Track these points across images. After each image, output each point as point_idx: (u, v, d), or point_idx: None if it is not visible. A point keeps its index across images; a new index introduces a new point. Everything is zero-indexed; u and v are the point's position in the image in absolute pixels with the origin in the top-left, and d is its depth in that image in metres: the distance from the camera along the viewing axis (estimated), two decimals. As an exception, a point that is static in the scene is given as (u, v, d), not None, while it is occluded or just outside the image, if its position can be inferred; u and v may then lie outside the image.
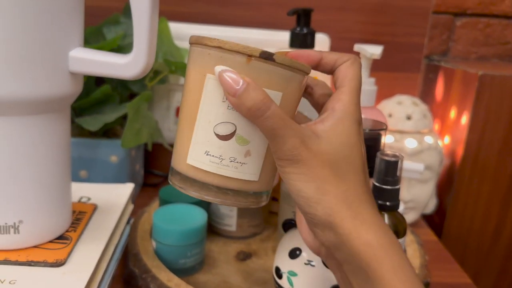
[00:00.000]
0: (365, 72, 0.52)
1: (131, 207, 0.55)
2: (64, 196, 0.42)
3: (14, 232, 0.39)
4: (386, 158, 0.42)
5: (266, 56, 0.30)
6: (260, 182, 0.33)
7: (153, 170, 0.75)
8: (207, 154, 0.32)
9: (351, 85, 0.32)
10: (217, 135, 0.31)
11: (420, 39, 0.70)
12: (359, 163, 0.31)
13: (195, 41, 0.32)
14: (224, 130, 0.31)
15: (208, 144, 0.31)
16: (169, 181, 0.35)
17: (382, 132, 0.46)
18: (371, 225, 0.29)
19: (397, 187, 0.43)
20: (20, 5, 0.33)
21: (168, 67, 0.60)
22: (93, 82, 0.62)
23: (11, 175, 0.37)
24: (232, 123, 0.31)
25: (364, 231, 0.29)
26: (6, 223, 0.39)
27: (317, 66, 0.34)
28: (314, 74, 0.37)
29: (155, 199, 0.58)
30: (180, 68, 0.59)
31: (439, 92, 0.73)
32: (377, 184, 0.43)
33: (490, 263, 0.71)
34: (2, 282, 0.36)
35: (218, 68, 0.30)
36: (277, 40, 0.67)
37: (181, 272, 0.46)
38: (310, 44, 0.56)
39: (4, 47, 0.34)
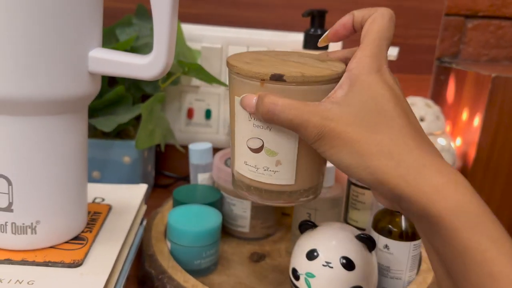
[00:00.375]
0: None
1: (144, 207, 0.55)
2: (80, 197, 0.42)
3: (31, 233, 0.39)
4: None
5: (276, 78, 0.33)
6: (298, 184, 0.36)
7: (164, 171, 0.75)
8: (246, 164, 0.37)
9: (369, 39, 0.31)
10: (250, 149, 0.36)
11: (432, 41, 0.70)
12: (391, 110, 0.29)
13: (227, 63, 0.36)
14: (254, 144, 0.36)
15: (245, 156, 0.37)
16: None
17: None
18: (419, 168, 0.27)
19: (414, 189, 0.43)
20: (40, 5, 0.33)
21: (182, 68, 0.60)
22: (106, 83, 0.62)
23: (29, 175, 0.38)
24: (260, 139, 0.35)
25: (412, 178, 0.27)
26: (23, 223, 0.39)
27: (353, 31, 0.34)
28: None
29: (167, 200, 0.58)
30: (193, 69, 0.59)
31: (450, 94, 0.73)
32: (394, 185, 0.43)
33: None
34: (20, 283, 0.36)
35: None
36: (289, 41, 0.67)
37: (196, 273, 0.46)
38: (325, 46, 0.56)
39: (25, 47, 0.34)
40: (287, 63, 0.35)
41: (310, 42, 0.56)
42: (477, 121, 0.65)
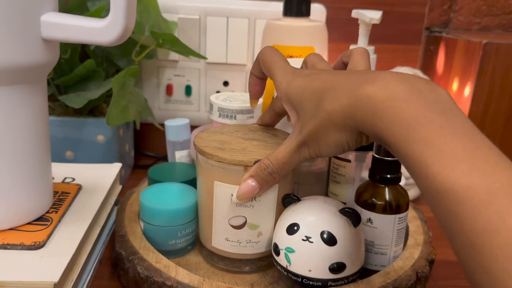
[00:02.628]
0: (363, 40, 0.49)
1: (118, 188, 0.53)
2: (43, 174, 0.39)
3: (-11, 214, 0.36)
4: (387, 127, 0.39)
5: None
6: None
7: (144, 152, 0.72)
8: (227, 240, 0.41)
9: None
10: (232, 226, 0.40)
11: (420, 8, 0.67)
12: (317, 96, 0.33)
13: (199, 152, 0.40)
14: (237, 222, 0.40)
15: (226, 233, 0.41)
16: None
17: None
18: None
19: (399, 158, 0.40)
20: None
21: (156, 40, 0.56)
22: (77, 59, 0.58)
23: (-18, 151, 0.35)
24: (243, 216, 0.40)
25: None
26: (-21, 204, 0.36)
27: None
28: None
29: (144, 180, 0.56)
30: (168, 41, 0.56)
31: (440, 64, 0.70)
32: (377, 156, 0.40)
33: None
34: (-26, 267, 0.33)
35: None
36: (270, 11, 0.63)
37: (172, 253, 0.44)
38: (306, 13, 0.53)
39: (-34, 8, 0.31)
40: (253, 144, 0.41)
41: (290, 9, 0.52)
42: (467, 90, 0.62)
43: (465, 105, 0.63)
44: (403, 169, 0.39)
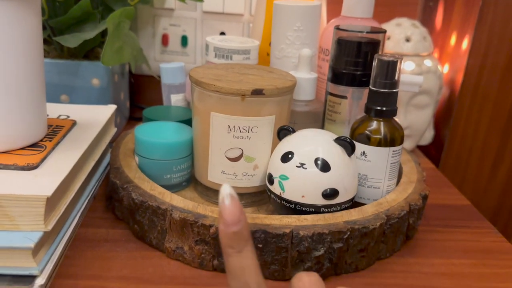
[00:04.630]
0: (362, -20, 0.49)
1: (113, 129, 0.52)
2: (37, 100, 0.39)
3: (-18, 135, 0.36)
4: (384, 58, 0.39)
5: (257, 92, 0.38)
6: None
7: (139, 104, 0.72)
8: (223, 173, 0.41)
9: None
10: (229, 158, 0.40)
11: (420, -39, 0.66)
12: None
13: (196, 83, 0.40)
14: (233, 154, 0.40)
15: (222, 166, 0.41)
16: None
17: (380, 36, 0.43)
18: None
19: (395, 90, 0.40)
20: None
21: (152, -17, 0.56)
22: (72, 2, 0.57)
23: (-25, 68, 0.34)
24: (239, 148, 0.40)
25: None
26: (-28, 124, 0.36)
27: None
28: None
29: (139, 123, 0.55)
30: (165, -16, 0.55)
31: (438, 20, 0.69)
32: (373, 88, 0.40)
33: (488, 196, 0.69)
34: (-32, 183, 0.33)
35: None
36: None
37: (167, 188, 0.44)
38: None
39: None
40: (249, 77, 0.41)
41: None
42: (465, 44, 0.62)
43: (462, 58, 0.62)
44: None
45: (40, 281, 0.32)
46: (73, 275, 0.35)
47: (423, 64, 0.58)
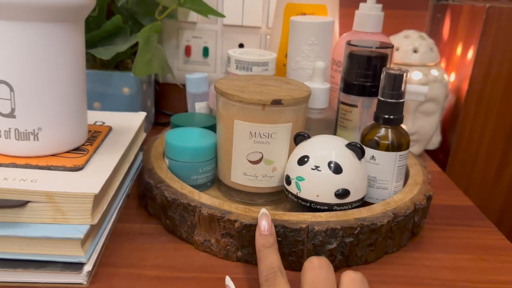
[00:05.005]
0: (372, -2, 0.53)
1: (143, 134, 0.57)
2: (80, 108, 0.44)
3: (34, 139, 0.41)
4: (392, 72, 0.43)
5: (276, 102, 0.42)
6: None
7: (163, 110, 0.77)
8: (245, 175, 0.46)
9: None
10: (250, 161, 0.45)
11: (428, -24, 0.70)
12: None
13: (221, 94, 0.44)
14: (254, 157, 0.45)
15: (244, 168, 0.45)
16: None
17: (388, 51, 0.47)
18: None
19: (401, 100, 0.44)
20: None
21: (177, 0, 0.60)
22: (104, 17, 0.63)
23: (30, 81, 0.39)
24: (259, 152, 0.44)
25: None
26: (26, 130, 0.41)
27: None
28: None
29: (167, 129, 0.60)
30: (188, 1, 0.60)
31: (446, 30, 0.73)
32: (382, 98, 0.44)
33: (493, 200, 0.72)
34: (24, 181, 0.38)
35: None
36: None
37: (193, 187, 0.48)
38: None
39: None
40: (268, 88, 0.45)
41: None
42: (470, 54, 0.66)
43: (468, 68, 0.66)
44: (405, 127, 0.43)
45: (87, 267, 0.37)
46: (113, 263, 0.40)
47: (430, 73, 0.62)
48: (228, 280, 0.36)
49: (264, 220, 0.38)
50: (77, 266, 0.37)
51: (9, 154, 0.42)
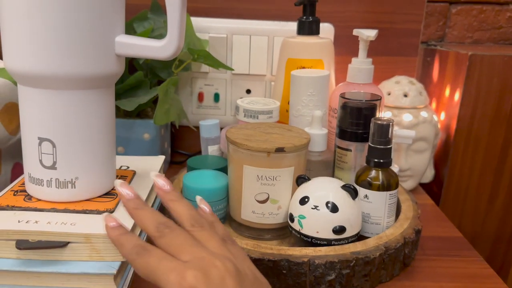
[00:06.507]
0: (362, 53, 0.60)
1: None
2: (110, 159, 0.51)
3: (72, 187, 0.48)
4: (379, 122, 0.50)
5: (279, 150, 0.49)
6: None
7: (178, 150, 0.84)
8: (253, 212, 0.52)
9: None
10: (258, 201, 0.51)
11: (417, 25, 0.77)
12: None
13: (231, 142, 0.51)
14: (261, 197, 0.51)
15: (252, 207, 0.52)
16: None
17: (377, 102, 0.53)
18: None
19: (389, 146, 0.50)
20: (76, 2, 0.42)
21: (192, 56, 0.68)
22: (127, 71, 0.70)
23: (70, 139, 0.46)
24: (266, 193, 0.51)
25: None
26: (65, 179, 0.47)
27: None
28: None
29: (183, 170, 0.67)
30: (201, 56, 0.68)
31: (435, 73, 0.80)
32: (372, 145, 0.51)
33: (487, 229, 0.77)
34: (65, 224, 0.44)
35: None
36: (286, 29, 0.75)
37: (208, 225, 0.55)
38: (316, 31, 0.64)
39: (65, 34, 0.42)
40: (273, 136, 0.52)
41: (303, 28, 0.64)
42: (457, 96, 0.72)
43: (455, 108, 0.72)
44: (399, 164, 0.49)
45: (119, 299, 0.43)
46: (140, 295, 0.46)
47: (420, 115, 0.68)
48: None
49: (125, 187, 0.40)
50: (110, 298, 0.43)
51: (50, 200, 0.48)
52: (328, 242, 0.47)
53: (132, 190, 0.40)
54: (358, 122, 0.53)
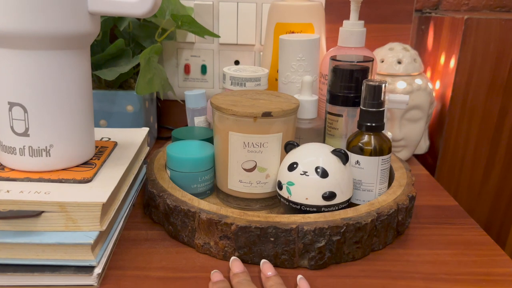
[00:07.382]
0: (354, 15, 0.57)
1: (146, 148, 0.61)
2: (88, 126, 0.48)
3: (46, 155, 0.45)
4: (371, 83, 0.47)
5: (266, 114, 0.46)
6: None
7: (165, 125, 0.81)
8: (240, 182, 0.50)
9: None
10: (245, 169, 0.49)
11: (411, -9, 0.74)
12: None
13: (216, 108, 0.48)
14: (248, 166, 0.48)
15: (239, 176, 0.49)
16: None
17: (369, 64, 0.51)
18: None
19: (381, 109, 0.48)
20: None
21: (175, 22, 0.65)
22: (107, 40, 0.67)
23: (42, 103, 0.43)
24: (253, 160, 0.48)
25: None
26: (39, 147, 0.45)
27: None
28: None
29: (168, 142, 0.64)
30: (186, 23, 0.65)
31: (430, 41, 0.77)
32: (363, 108, 0.48)
33: (482, 201, 0.75)
34: (38, 193, 0.42)
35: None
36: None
37: (194, 196, 0.52)
38: (304, -6, 0.61)
39: (34, -13, 0.39)
40: (259, 102, 0.49)
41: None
42: (452, 63, 0.69)
43: (450, 76, 0.70)
44: (393, 134, 0.46)
45: (97, 270, 0.41)
46: (121, 267, 0.43)
47: (414, 82, 0.66)
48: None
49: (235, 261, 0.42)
50: (88, 269, 0.41)
51: (24, 170, 0.46)
52: (318, 209, 0.45)
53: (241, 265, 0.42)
54: (349, 85, 0.50)
